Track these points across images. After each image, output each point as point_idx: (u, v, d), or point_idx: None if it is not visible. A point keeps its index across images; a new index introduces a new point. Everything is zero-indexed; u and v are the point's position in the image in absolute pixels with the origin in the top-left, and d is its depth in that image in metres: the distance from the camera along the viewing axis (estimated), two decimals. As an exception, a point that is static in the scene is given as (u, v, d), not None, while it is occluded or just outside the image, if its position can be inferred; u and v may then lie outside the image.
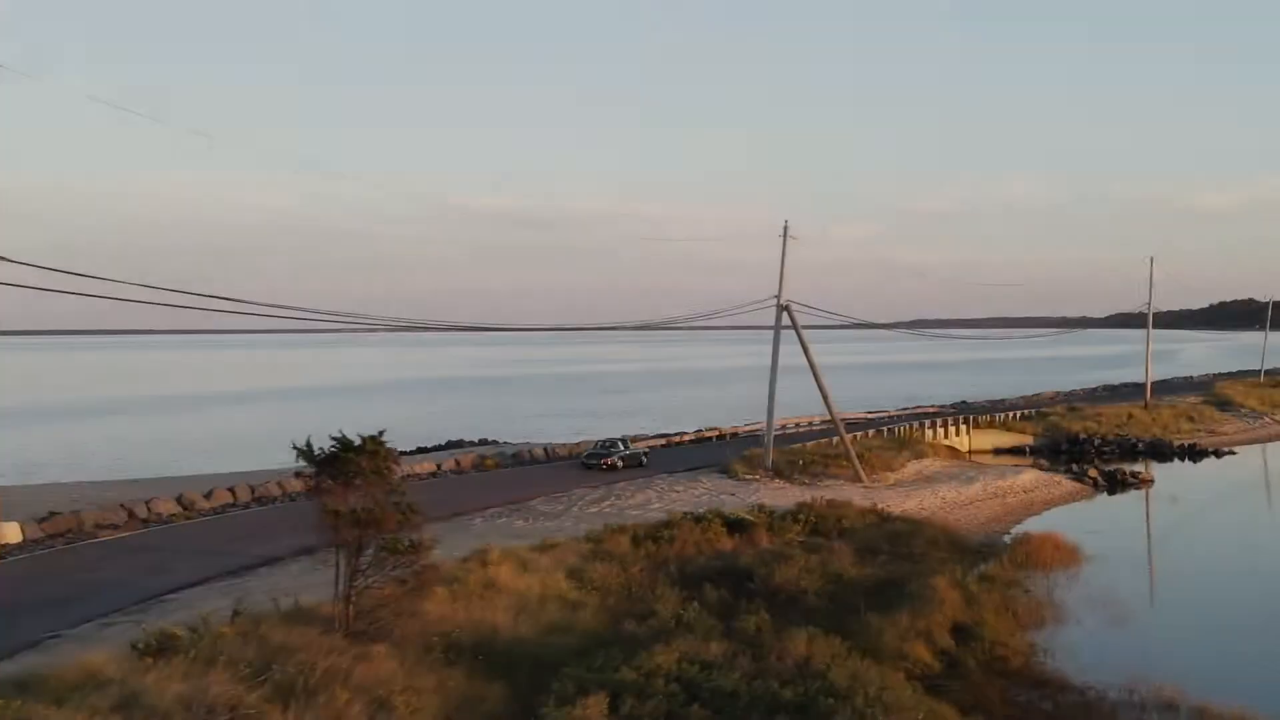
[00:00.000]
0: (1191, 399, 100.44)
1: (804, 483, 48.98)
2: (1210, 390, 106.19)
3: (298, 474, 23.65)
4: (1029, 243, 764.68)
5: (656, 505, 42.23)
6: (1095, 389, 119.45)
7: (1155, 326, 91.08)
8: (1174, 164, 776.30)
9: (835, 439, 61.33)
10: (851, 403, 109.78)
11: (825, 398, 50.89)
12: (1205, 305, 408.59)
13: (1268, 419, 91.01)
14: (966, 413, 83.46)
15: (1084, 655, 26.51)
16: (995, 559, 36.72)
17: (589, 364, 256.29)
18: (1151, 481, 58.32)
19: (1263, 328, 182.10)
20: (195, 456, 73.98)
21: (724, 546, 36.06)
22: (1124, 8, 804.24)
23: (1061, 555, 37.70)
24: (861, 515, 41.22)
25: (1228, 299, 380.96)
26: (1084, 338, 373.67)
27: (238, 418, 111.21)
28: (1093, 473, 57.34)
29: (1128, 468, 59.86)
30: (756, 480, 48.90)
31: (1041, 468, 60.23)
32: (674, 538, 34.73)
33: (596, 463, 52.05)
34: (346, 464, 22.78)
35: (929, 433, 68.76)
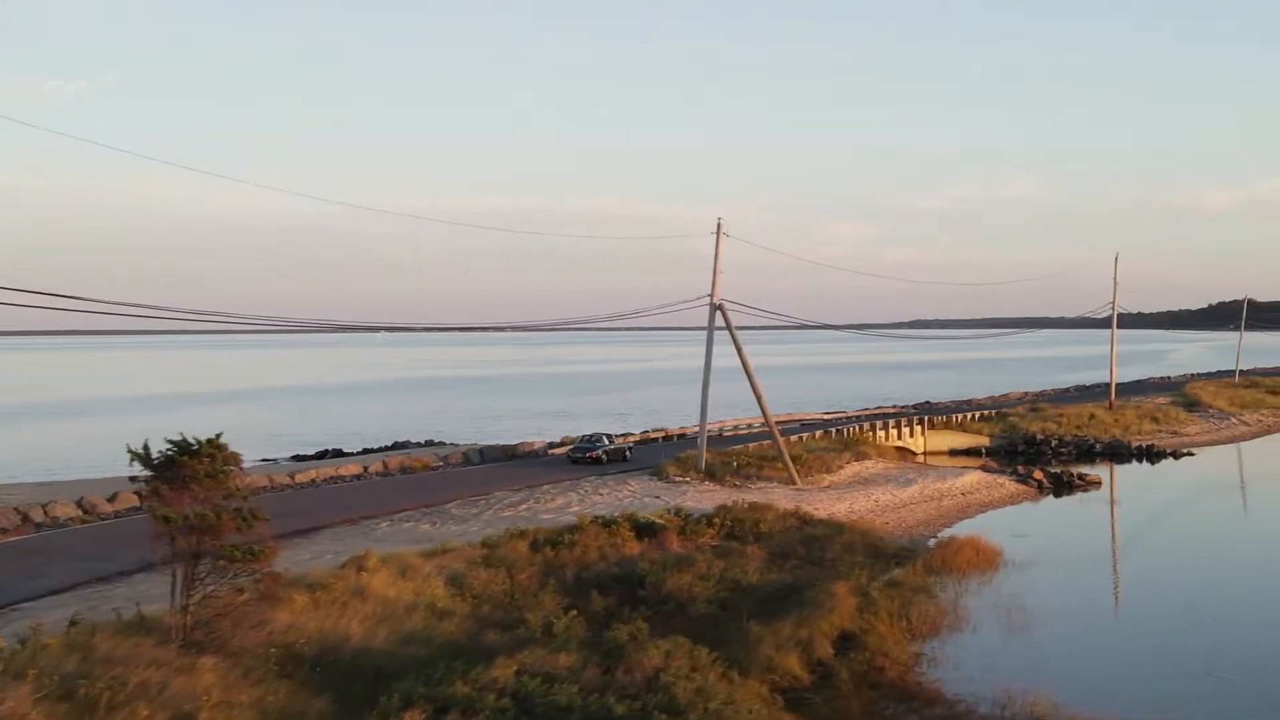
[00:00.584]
0: (1160, 399, 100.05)
1: (735, 485, 48.28)
2: (1181, 391, 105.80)
3: (131, 479, 22.78)
4: (1028, 242, 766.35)
5: (575, 509, 41.48)
6: (1068, 389, 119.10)
7: (1154, 326, 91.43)
8: (1174, 164, 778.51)
9: (797, 437, 60.75)
10: (814, 403, 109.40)
11: (759, 399, 50.18)
12: (1204, 305, 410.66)
13: (1234, 420, 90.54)
14: (929, 413, 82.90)
15: (970, 665, 25.82)
16: (910, 564, 36.04)
17: (572, 364, 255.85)
18: (1099, 484, 57.69)
19: (1251, 328, 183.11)
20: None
21: (630, 551, 35.33)
22: (1124, 8, 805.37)
23: (980, 560, 37.03)
24: (782, 519, 40.52)
25: (1226, 299, 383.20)
26: (1084, 337, 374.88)
27: (199, 418, 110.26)
28: (1038, 475, 56.68)
29: (1075, 470, 59.21)
30: (687, 483, 48.18)
31: (990, 469, 59.58)
32: (575, 543, 33.98)
33: (582, 456, 54.15)
34: (182, 468, 22.06)
35: (881, 434, 68.07)
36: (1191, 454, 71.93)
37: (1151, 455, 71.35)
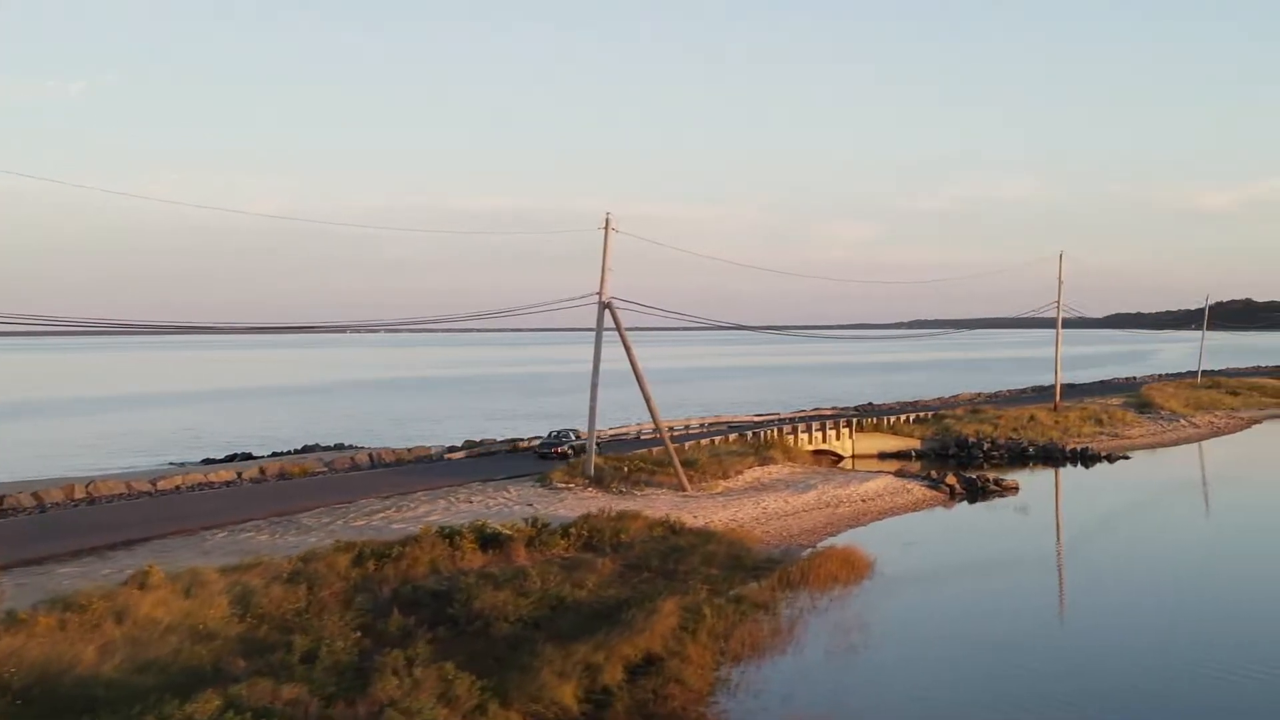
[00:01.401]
0: (1113, 401, 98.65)
1: (620, 492, 46.63)
2: (1136, 392, 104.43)
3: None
4: (1028, 242, 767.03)
5: (434, 517, 39.80)
6: (1024, 390, 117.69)
7: (1152, 326, 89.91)
8: (1173, 164, 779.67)
9: (694, 443, 59.11)
10: (761, 405, 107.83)
11: (647, 401, 48.50)
12: (1201, 305, 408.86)
13: (1184, 421, 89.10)
14: (870, 415, 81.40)
15: (773, 693, 24.21)
16: (767, 577, 34.44)
17: (551, 364, 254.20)
18: (1015, 489, 56.10)
19: (1251, 328, 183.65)
20: (83, 456, 72.84)
21: (470, 565, 33.71)
22: (1124, 8, 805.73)
23: (847, 572, 35.44)
24: (649, 528, 38.92)
25: (1224, 299, 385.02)
26: (1084, 337, 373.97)
27: (159, 418, 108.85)
28: (950, 480, 55.07)
29: (992, 475, 57.61)
30: (569, 489, 46.51)
31: (903, 474, 57.98)
32: (403, 556, 32.30)
33: (549, 451, 56.57)
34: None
35: (804, 437, 66.47)
36: (1127, 458, 70.43)
37: (1085, 459, 69.83)
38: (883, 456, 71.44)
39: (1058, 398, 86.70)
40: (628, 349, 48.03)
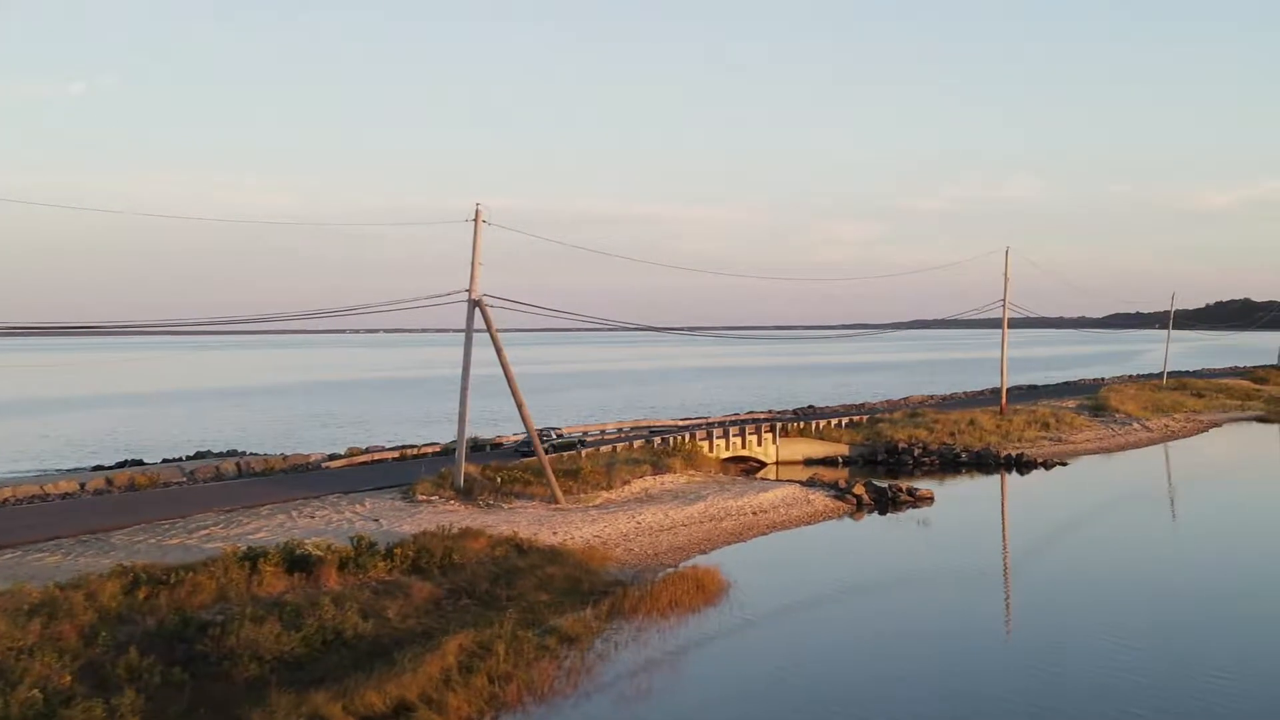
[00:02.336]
0: (1068, 403, 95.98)
1: (487, 505, 43.66)
2: (1095, 394, 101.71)
3: None
4: (1028, 243, 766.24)
5: (264, 535, 36.82)
6: (981, 391, 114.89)
7: (1149, 326, 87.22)
8: (1173, 164, 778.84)
9: (593, 450, 56.24)
10: (693, 408, 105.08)
11: (520, 406, 45.49)
12: (1202, 305, 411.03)
13: (1137, 425, 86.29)
14: (810, 417, 78.62)
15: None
16: (603, 603, 31.51)
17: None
18: (930, 499, 53.23)
19: (1252, 328, 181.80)
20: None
21: (270, 590, 30.72)
22: (1124, 8, 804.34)
23: (693, 598, 32.52)
24: (491, 547, 35.95)
25: (1224, 298, 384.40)
26: (1083, 337, 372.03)
27: (85, 420, 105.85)
28: (858, 489, 52.13)
29: (906, 484, 54.63)
30: (431, 503, 43.52)
31: (817, 481, 55.04)
32: (184, 581, 29.26)
33: (529, 450, 54.18)
34: None
35: (720, 443, 63.53)
36: (1064, 464, 67.57)
37: (1021, 465, 66.97)
38: (809, 463, 68.58)
39: (1003, 401, 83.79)
40: (498, 349, 45.07)
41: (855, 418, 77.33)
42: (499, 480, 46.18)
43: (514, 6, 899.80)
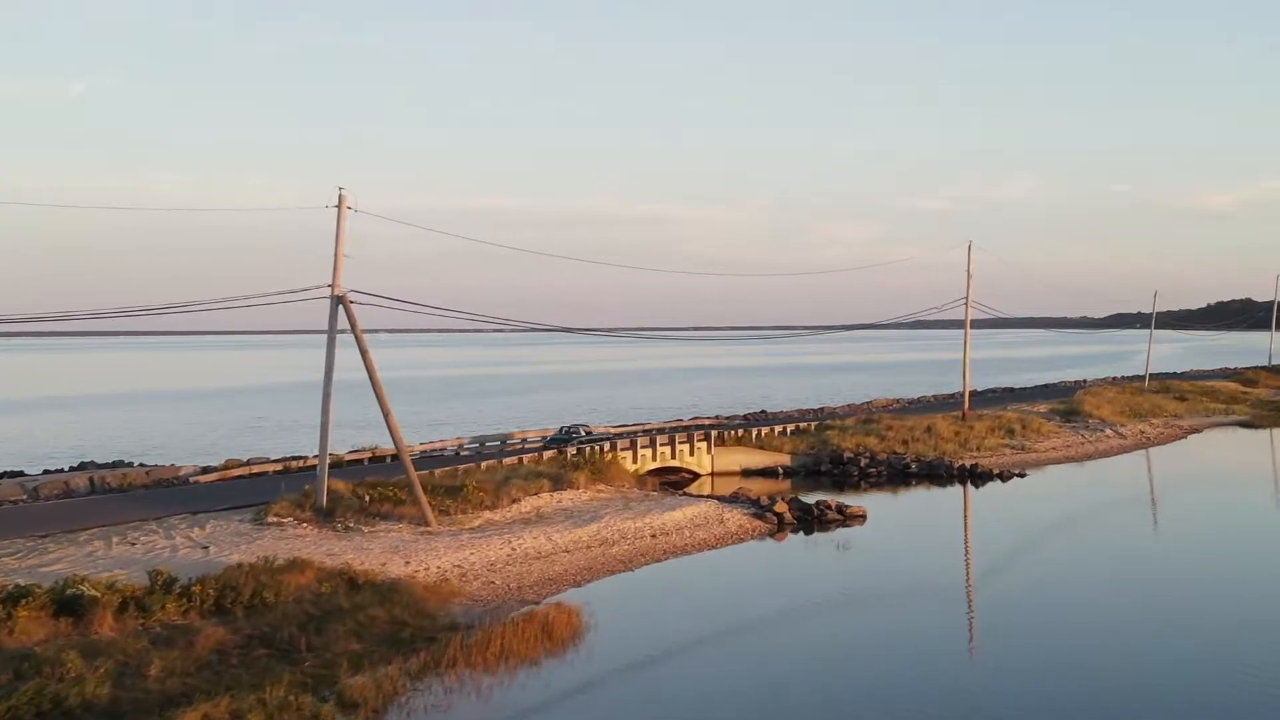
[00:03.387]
0: (1040, 406, 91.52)
1: (345, 529, 38.99)
2: (1069, 397, 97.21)
3: None
4: (1029, 243, 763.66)
5: (62, 567, 32.17)
6: (952, 395, 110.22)
7: (1148, 327, 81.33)
8: (1174, 164, 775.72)
9: (495, 462, 51.77)
10: (632, 413, 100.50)
11: (386, 415, 40.80)
12: (1204, 305, 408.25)
13: (1109, 431, 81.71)
14: (759, 424, 74.13)
15: None
16: (424, 652, 26.86)
17: (500, 365, 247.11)
18: (862, 518, 48.61)
19: (1253, 328, 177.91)
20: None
21: (28, 638, 26.15)
22: (1125, 8, 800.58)
23: (537, 644, 27.93)
24: (318, 581, 31.37)
25: (1225, 299, 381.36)
26: (1086, 338, 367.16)
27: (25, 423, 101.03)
28: (780, 507, 47.46)
29: (836, 500, 49.90)
30: (282, 526, 38.82)
31: (741, 496, 50.44)
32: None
33: (559, 445, 57.83)
34: None
35: (645, 453, 58.87)
36: (1022, 475, 62.94)
37: (975, 477, 62.35)
38: (746, 474, 63.94)
39: (965, 406, 79.17)
40: (364, 353, 40.39)
41: (802, 424, 72.67)
42: (367, 499, 41.52)
43: (516, 7, 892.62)
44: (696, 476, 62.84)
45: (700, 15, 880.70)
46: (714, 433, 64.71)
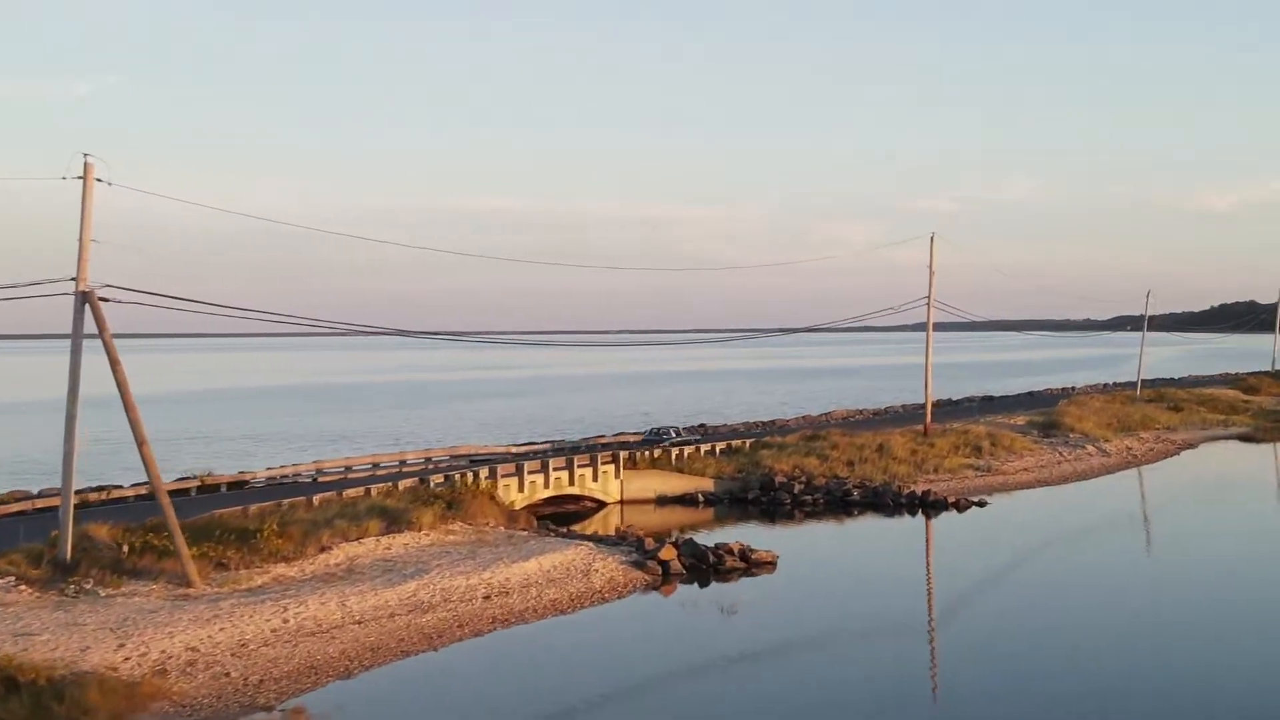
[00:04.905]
0: (1018, 419, 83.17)
1: (77, 592, 30.63)
2: (1051, 407, 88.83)
3: None
4: (1030, 244, 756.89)
5: None
6: (921, 405, 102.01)
7: (1155, 329, 73.77)
8: (1176, 165, 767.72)
9: (363, 489, 43.54)
10: (556, 429, 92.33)
11: (140, 445, 32.40)
12: (1206, 308, 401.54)
13: (1091, 448, 73.35)
14: (703, 439, 66.03)
15: None
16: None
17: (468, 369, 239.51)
18: (772, 564, 40.24)
19: (1254, 330, 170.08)
20: None
21: None
22: (1126, 8, 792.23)
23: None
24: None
25: (1229, 301, 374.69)
26: (1088, 340, 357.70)
27: None
28: (666, 553, 39.00)
29: (740, 543, 41.29)
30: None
31: (625, 537, 42.05)
32: None
33: (649, 449, 59.89)
34: None
35: (534, 479, 50.59)
36: (982, 504, 54.52)
37: (926, 506, 54.00)
38: (661, 502, 55.70)
39: (927, 419, 70.75)
40: (114, 364, 32.07)
41: (736, 442, 64.27)
42: (125, 550, 33.14)
43: (516, 8, 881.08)
44: (602, 506, 54.57)
45: (699, 16, 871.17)
46: (623, 454, 56.23)
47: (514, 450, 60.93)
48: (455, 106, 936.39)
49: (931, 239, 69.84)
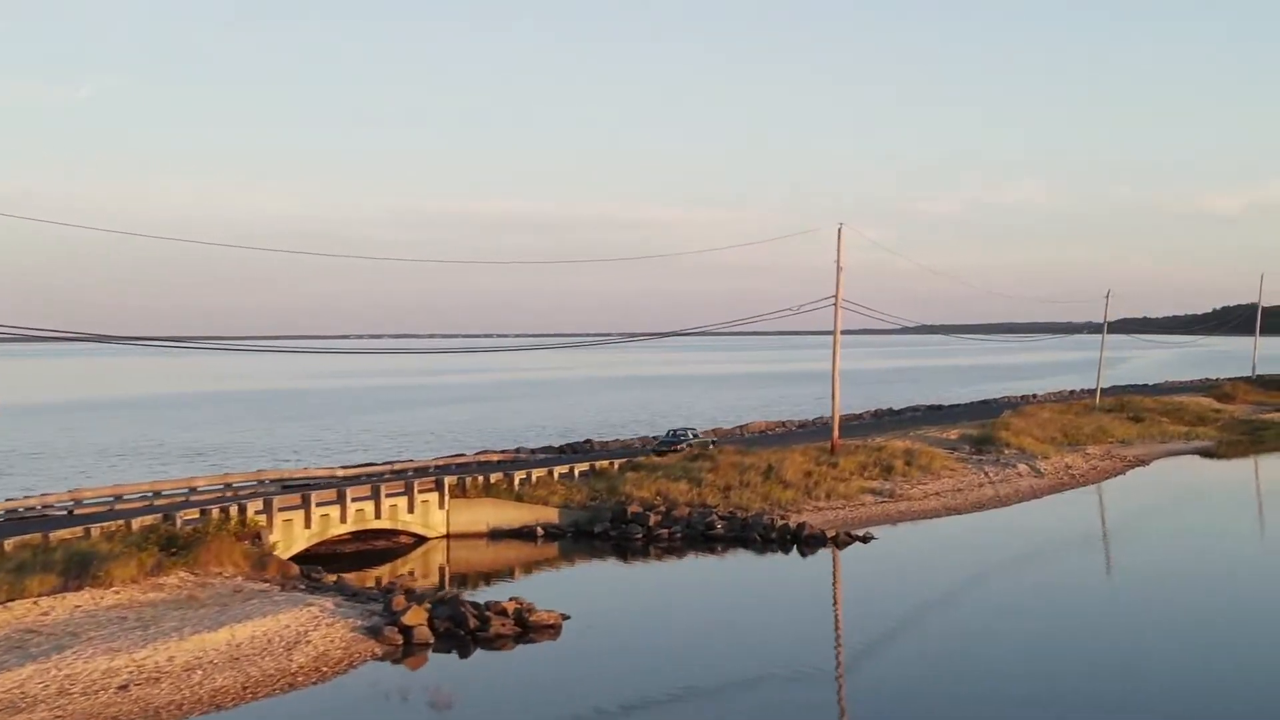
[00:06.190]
0: (951, 432, 75.72)
1: None
2: (993, 418, 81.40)
3: None
4: (1031, 246, 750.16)
5: None
6: (859, 415, 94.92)
7: (1158, 331, 67.07)
8: (1180, 167, 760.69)
9: (121, 523, 36.10)
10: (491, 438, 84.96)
11: None
12: (1209, 310, 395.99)
13: (1024, 467, 65.89)
14: (567, 460, 58.73)
15: None
16: None
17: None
18: (555, 629, 32.73)
19: (1258, 332, 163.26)
20: None
21: None
22: (1127, 9, 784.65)
23: None
24: None
25: (1232, 303, 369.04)
26: (1081, 343, 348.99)
27: None
28: (413, 617, 31.40)
29: (514, 602, 33.45)
30: None
31: (385, 590, 34.52)
32: None
33: (668, 449, 61.84)
34: None
35: (325, 511, 43.13)
36: (867, 539, 46.94)
37: (802, 542, 46.51)
38: (495, 536, 48.30)
39: (835, 435, 63.14)
40: None
41: (605, 462, 56.75)
42: None
43: (517, 9, 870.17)
44: (423, 540, 47.13)
45: (699, 16, 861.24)
46: (449, 480, 48.65)
47: (340, 473, 53.30)
48: (460, 109, 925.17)
49: (839, 230, 62.34)
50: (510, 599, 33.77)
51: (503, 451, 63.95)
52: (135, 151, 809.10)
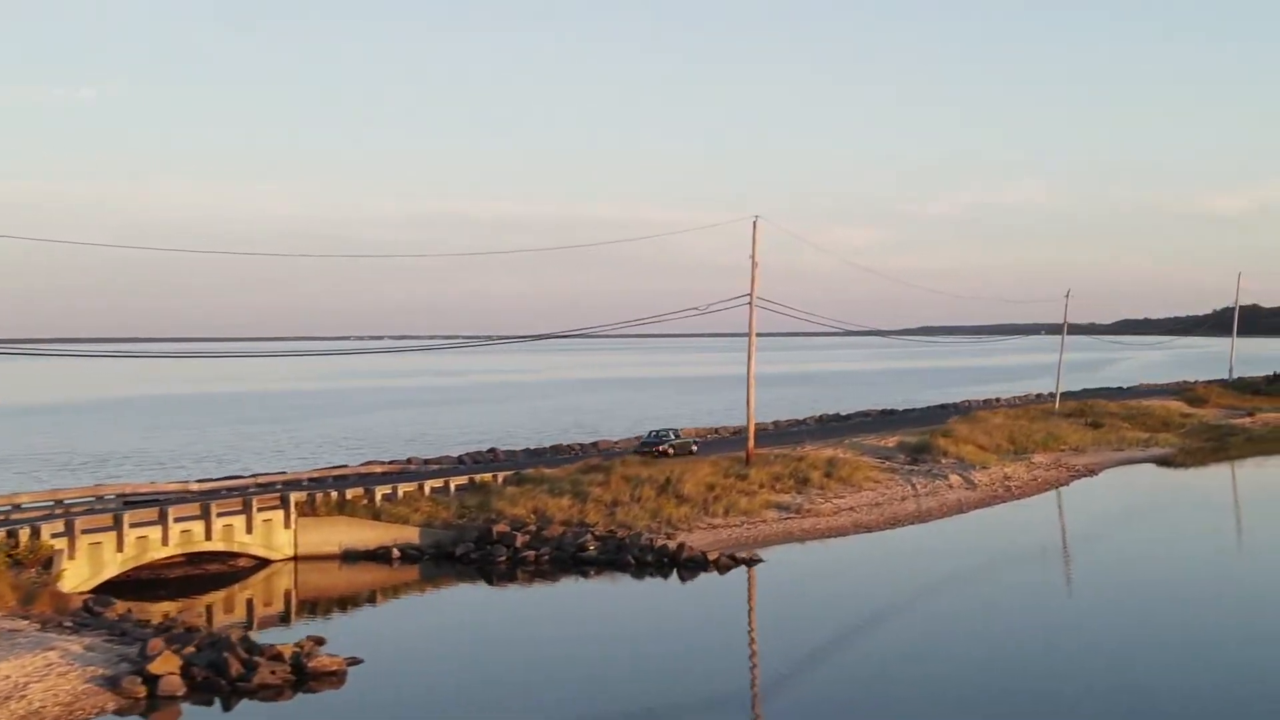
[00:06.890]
0: (890, 440, 71.66)
1: None
2: (939, 424, 77.43)
3: None
4: (1031, 246, 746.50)
5: None
6: (803, 419, 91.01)
7: (1159, 332, 64.43)
8: (1180, 167, 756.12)
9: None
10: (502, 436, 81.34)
11: None
12: (1209, 310, 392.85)
13: (956, 478, 61.90)
14: (469, 470, 54.87)
15: None
16: None
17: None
18: (338, 675, 28.69)
19: (1258, 333, 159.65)
20: None
21: None
22: (1128, 9, 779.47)
23: None
24: None
25: (1232, 304, 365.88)
26: (1076, 344, 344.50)
27: None
28: (163, 663, 27.33)
29: (293, 645, 29.27)
30: None
31: (165, 627, 30.49)
32: None
33: (650, 450, 59.92)
34: None
35: (146, 533, 39.11)
36: (754, 562, 42.97)
37: (682, 566, 42.47)
38: (349, 558, 44.29)
39: (750, 445, 59.11)
40: None
41: (485, 475, 52.74)
42: None
43: (517, 10, 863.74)
44: (266, 564, 43.15)
45: (701, 17, 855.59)
46: (295, 497, 44.59)
47: (195, 487, 49.22)
48: (457, 108, 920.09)
49: (755, 223, 58.35)
50: (308, 638, 29.81)
51: (390, 462, 59.76)
52: (136, 152, 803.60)
